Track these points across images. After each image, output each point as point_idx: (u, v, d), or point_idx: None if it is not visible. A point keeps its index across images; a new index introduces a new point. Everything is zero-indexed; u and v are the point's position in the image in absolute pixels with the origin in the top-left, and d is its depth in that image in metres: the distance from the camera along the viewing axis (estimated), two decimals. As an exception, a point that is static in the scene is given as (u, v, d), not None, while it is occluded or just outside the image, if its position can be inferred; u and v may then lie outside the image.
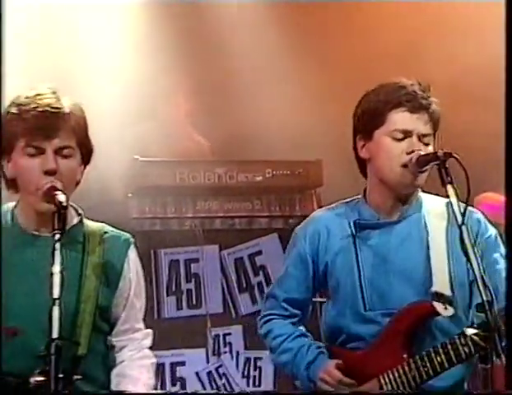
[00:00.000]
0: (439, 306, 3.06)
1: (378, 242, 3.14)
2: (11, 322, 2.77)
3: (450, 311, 3.05)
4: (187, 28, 5.89)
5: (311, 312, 3.36)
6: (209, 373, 4.86)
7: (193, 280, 4.93)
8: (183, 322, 4.84)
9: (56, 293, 2.41)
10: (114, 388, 2.86)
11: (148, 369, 2.93)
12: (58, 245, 2.45)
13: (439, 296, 3.09)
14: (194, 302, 4.90)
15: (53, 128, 2.70)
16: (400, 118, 3.03)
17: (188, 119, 5.69)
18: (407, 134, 3.00)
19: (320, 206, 5.00)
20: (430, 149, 3.07)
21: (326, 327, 3.25)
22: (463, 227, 2.72)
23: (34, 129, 2.69)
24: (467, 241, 2.74)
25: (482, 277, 2.66)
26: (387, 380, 3.04)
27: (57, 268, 2.43)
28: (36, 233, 2.82)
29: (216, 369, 4.87)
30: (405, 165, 3.01)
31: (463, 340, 2.92)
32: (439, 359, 3.00)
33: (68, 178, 2.70)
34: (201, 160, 5.24)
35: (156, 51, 5.65)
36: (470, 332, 2.89)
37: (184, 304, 4.88)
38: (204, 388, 4.87)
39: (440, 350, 2.98)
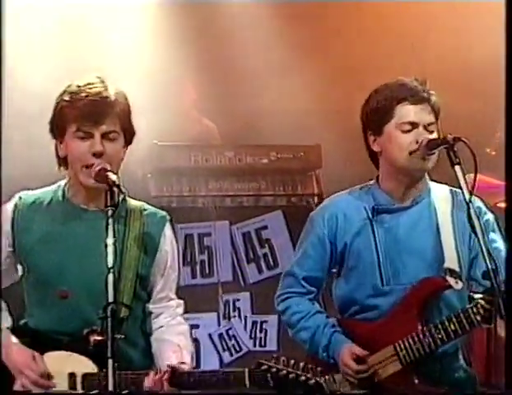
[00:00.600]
0: (451, 280, 3.27)
1: (393, 225, 3.33)
2: (62, 286, 2.99)
3: (460, 285, 3.26)
4: (196, 24, 6.03)
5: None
6: (220, 334, 5.09)
7: (205, 252, 5.16)
8: (197, 290, 5.07)
9: (110, 262, 2.60)
10: (154, 352, 3.04)
11: (186, 336, 3.14)
12: (110, 220, 2.63)
13: (450, 272, 3.29)
14: (207, 271, 5.13)
15: (100, 115, 2.86)
16: (406, 112, 3.22)
17: (199, 107, 5.84)
18: (413, 126, 3.20)
19: (319, 186, 5.67)
20: (435, 136, 3.26)
21: (340, 300, 3.43)
22: (471, 204, 2.93)
23: (84, 116, 2.85)
24: (473, 216, 2.93)
25: (488, 248, 2.86)
26: (402, 347, 3.22)
27: (110, 240, 2.60)
28: (85, 207, 3.00)
29: (227, 331, 5.10)
30: (410, 153, 3.20)
31: (474, 309, 3.08)
32: (452, 326, 3.16)
33: (114, 159, 2.88)
34: (213, 144, 5.49)
35: (168, 45, 5.76)
36: (477, 296, 3.06)
37: (198, 273, 5.11)
38: (216, 348, 5.08)
39: (454, 319, 3.15)
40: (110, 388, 2.51)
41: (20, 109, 5.30)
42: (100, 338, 2.66)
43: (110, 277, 2.56)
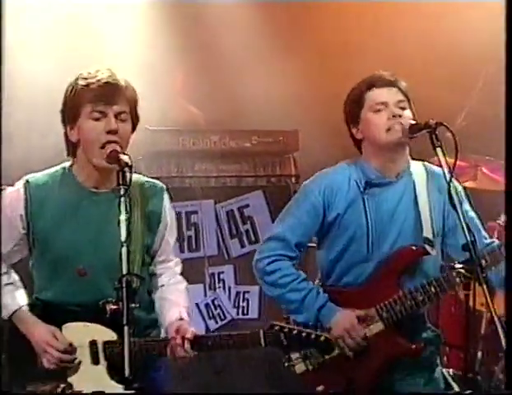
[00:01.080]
0: (429, 248, 3.49)
1: (382, 197, 3.52)
2: (79, 264, 3.11)
3: (434, 252, 3.49)
4: (184, 17, 6.13)
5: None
6: (206, 304, 5.32)
7: (192, 228, 5.36)
8: (185, 263, 4.98)
9: (123, 237, 2.69)
10: (157, 309, 3.17)
11: (184, 294, 3.29)
12: (123, 199, 2.72)
13: (428, 241, 3.50)
14: (194, 246, 5.35)
15: (113, 96, 2.99)
16: (374, 95, 3.45)
17: (186, 95, 6.01)
18: (384, 106, 3.41)
19: (296, 168, 5.88)
20: (408, 112, 3.45)
21: (326, 266, 3.60)
22: (451, 183, 3.09)
23: (99, 96, 2.97)
24: (453, 193, 3.09)
25: (467, 223, 3.06)
26: (384, 309, 3.41)
27: (123, 217, 2.70)
28: (94, 190, 3.11)
29: (212, 301, 5.34)
30: (387, 129, 3.41)
31: (454, 273, 3.31)
32: (433, 289, 3.38)
33: (124, 140, 3.01)
34: (199, 129, 5.65)
35: (158, 38, 5.89)
36: (458, 266, 3.24)
37: (186, 248, 5.30)
38: (202, 317, 5.28)
39: (435, 283, 3.38)
40: (126, 354, 2.60)
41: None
42: (115, 307, 2.74)
43: (124, 251, 2.66)
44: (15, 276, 3.21)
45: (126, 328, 2.58)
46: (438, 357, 3.67)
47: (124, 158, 2.79)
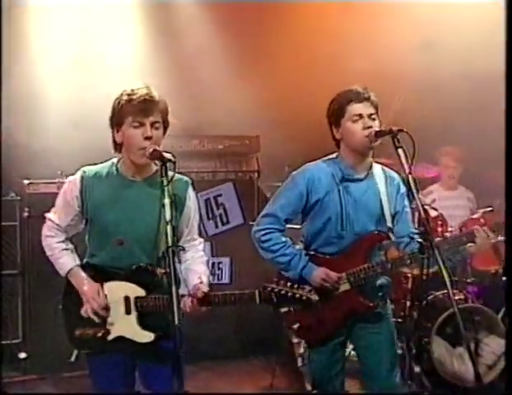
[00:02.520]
0: (391, 234, 3.88)
1: (353, 189, 3.82)
2: (119, 235, 3.37)
3: (393, 237, 3.88)
4: (162, 28, 6.54)
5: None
6: None
7: None
8: None
9: (168, 216, 2.92)
10: (183, 277, 3.37)
11: (205, 264, 3.54)
12: (166, 188, 2.95)
13: (389, 228, 3.87)
14: None
15: (150, 109, 3.24)
16: (353, 108, 3.74)
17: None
18: (360, 117, 3.72)
19: (258, 165, 6.59)
20: (377, 122, 3.73)
21: (309, 238, 3.91)
22: (410, 177, 3.34)
23: (138, 110, 3.22)
24: (412, 185, 3.35)
25: (423, 205, 3.36)
26: (351, 274, 3.78)
27: (167, 200, 2.94)
28: (133, 179, 3.38)
29: None
30: (365, 136, 3.69)
31: (406, 255, 3.72)
32: (389, 265, 3.76)
33: (158, 142, 3.25)
34: (184, 135, 6.12)
35: (141, 48, 6.40)
36: (415, 236, 3.57)
37: None
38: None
39: (391, 260, 3.79)
40: (175, 307, 2.80)
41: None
42: (163, 271, 3.03)
43: (169, 228, 2.91)
44: (70, 245, 3.55)
45: (174, 287, 2.83)
46: (388, 311, 4.01)
47: (167, 155, 3.08)
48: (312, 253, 3.89)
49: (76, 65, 6.14)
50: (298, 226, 4.04)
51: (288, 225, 3.94)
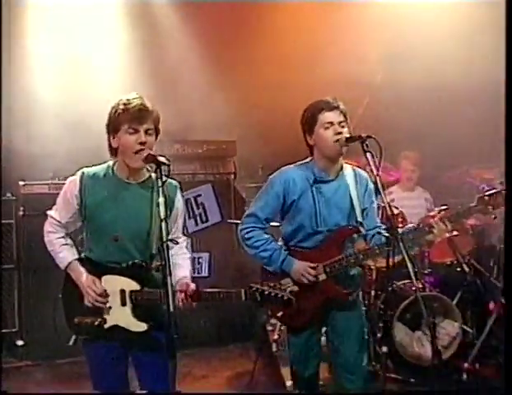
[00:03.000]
0: (361, 228, 4.05)
1: (325, 190, 3.99)
2: (115, 233, 3.50)
3: (363, 230, 4.08)
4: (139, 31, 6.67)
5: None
6: None
7: None
8: None
9: (162, 214, 3.06)
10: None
11: (188, 261, 3.68)
12: (160, 188, 3.08)
13: (360, 223, 4.04)
14: None
15: (144, 117, 3.36)
16: (324, 117, 3.91)
17: None
18: (331, 124, 3.88)
19: (235, 168, 6.84)
20: (346, 130, 3.89)
21: (287, 235, 4.09)
22: (378, 178, 3.52)
23: (133, 118, 3.35)
24: (379, 185, 3.52)
25: (389, 202, 3.54)
26: (328, 265, 3.95)
27: (161, 199, 3.06)
28: (127, 181, 3.50)
29: None
30: (335, 141, 3.86)
31: (376, 247, 3.90)
32: (361, 256, 3.96)
33: (150, 148, 3.37)
34: (167, 140, 6.23)
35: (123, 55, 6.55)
36: (382, 231, 3.76)
37: None
38: None
39: (362, 252, 3.97)
40: (170, 296, 2.94)
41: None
42: (159, 263, 3.14)
43: (163, 224, 3.05)
44: (70, 240, 3.67)
45: (169, 278, 2.99)
46: (359, 298, 4.25)
47: (162, 159, 3.21)
48: (292, 248, 4.08)
49: (68, 70, 6.36)
50: (278, 224, 4.25)
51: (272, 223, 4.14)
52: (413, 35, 6.32)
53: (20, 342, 6.13)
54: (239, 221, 5.37)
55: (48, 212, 3.65)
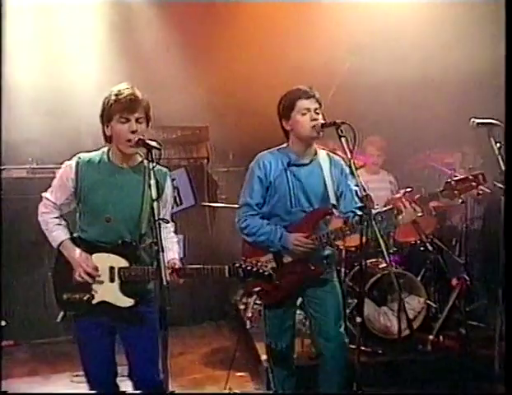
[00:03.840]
0: (334, 210, 4.21)
1: (299, 173, 4.15)
2: (107, 214, 3.60)
3: (336, 212, 4.19)
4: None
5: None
6: None
7: None
8: None
9: (154, 195, 3.19)
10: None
11: (176, 244, 3.81)
12: (152, 171, 3.20)
13: (333, 205, 4.20)
14: None
15: (135, 107, 3.46)
16: (301, 104, 4.07)
17: None
18: (308, 111, 4.05)
19: (208, 152, 7.09)
20: (321, 116, 4.04)
21: (265, 215, 4.20)
22: (351, 162, 3.63)
23: (125, 108, 3.45)
24: (354, 166, 3.65)
25: (362, 185, 3.64)
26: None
27: (153, 181, 3.19)
28: (121, 166, 3.61)
29: None
30: (312, 127, 4.02)
31: (346, 227, 4.01)
32: (333, 236, 4.09)
33: (141, 135, 3.46)
34: None
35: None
36: (356, 211, 3.87)
37: None
38: None
39: (334, 232, 4.10)
40: (163, 271, 3.04)
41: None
42: (151, 240, 3.33)
43: (155, 204, 3.20)
44: (63, 221, 3.76)
45: (161, 254, 3.10)
46: (335, 274, 4.41)
47: (152, 143, 3.34)
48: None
49: (45, 55, 6.39)
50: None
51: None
52: (381, 28, 6.53)
53: (2, 323, 6.20)
54: (212, 204, 6.10)
55: (44, 194, 3.74)
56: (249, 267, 3.54)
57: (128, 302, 3.61)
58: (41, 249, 5.99)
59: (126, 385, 3.84)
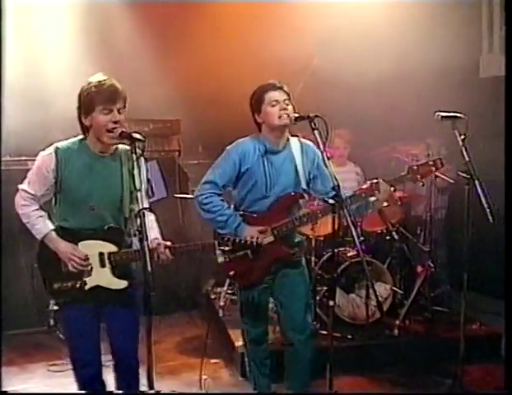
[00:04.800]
0: (305, 195, 4.39)
1: (273, 159, 4.31)
2: (91, 202, 3.66)
3: (307, 197, 4.41)
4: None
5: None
6: None
7: None
8: None
9: (138, 185, 3.29)
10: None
11: (155, 222, 3.94)
12: (135, 162, 3.30)
13: (304, 190, 4.34)
14: None
15: (116, 97, 3.53)
16: (270, 96, 4.23)
17: None
18: (277, 102, 4.21)
19: (179, 145, 7.18)
20: (290, 107, 4.18)
21: (239, 200, 4.37)
22: (324, 153, 3.78)
23: (107, 99, 3.51)
24: (325, 157, 3.79)
25: (333, 173, 3.75)
26: (275, 228, 4.24)
27: (136, 171, 3.29)
28: (100, 154, 3.67)
29: None
30: (280, 117, 4.17)
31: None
32: (305, 219, 4.24)
33: (122, 125, 3.54)
34: None
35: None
36: (331, 201, 3.86)
37: None
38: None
39: (306, 215, 4.24)
40: (147, 257, 3.14)
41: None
42: (136, 228, 3.29)
43: (139, 194, 3.31)
44: (43, 212, 3.76)
45: (146, 242, 3.22)
46: (304, 262, 4.55)
47: (136, 135, 3.40)
48: (242, 212, 4.36)
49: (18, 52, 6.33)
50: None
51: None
52: (351, 24, 6.70)
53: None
54: (184, 196, 6.16)
55: (20, 186, 3.74)
56: (237, 240, 3.78)
57: (122, 284, 3.70)
58: (15, 240, 5.98)
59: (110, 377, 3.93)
